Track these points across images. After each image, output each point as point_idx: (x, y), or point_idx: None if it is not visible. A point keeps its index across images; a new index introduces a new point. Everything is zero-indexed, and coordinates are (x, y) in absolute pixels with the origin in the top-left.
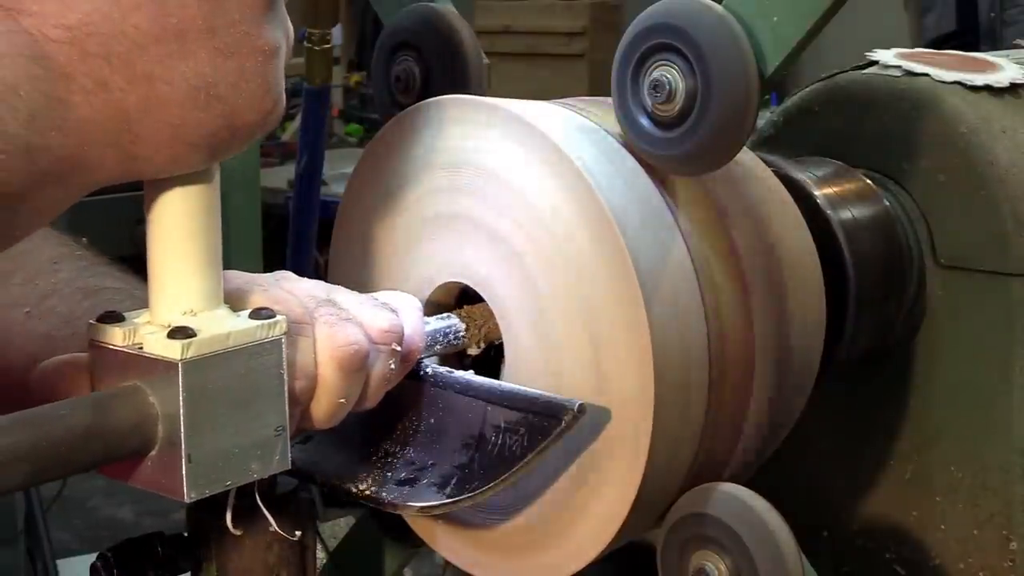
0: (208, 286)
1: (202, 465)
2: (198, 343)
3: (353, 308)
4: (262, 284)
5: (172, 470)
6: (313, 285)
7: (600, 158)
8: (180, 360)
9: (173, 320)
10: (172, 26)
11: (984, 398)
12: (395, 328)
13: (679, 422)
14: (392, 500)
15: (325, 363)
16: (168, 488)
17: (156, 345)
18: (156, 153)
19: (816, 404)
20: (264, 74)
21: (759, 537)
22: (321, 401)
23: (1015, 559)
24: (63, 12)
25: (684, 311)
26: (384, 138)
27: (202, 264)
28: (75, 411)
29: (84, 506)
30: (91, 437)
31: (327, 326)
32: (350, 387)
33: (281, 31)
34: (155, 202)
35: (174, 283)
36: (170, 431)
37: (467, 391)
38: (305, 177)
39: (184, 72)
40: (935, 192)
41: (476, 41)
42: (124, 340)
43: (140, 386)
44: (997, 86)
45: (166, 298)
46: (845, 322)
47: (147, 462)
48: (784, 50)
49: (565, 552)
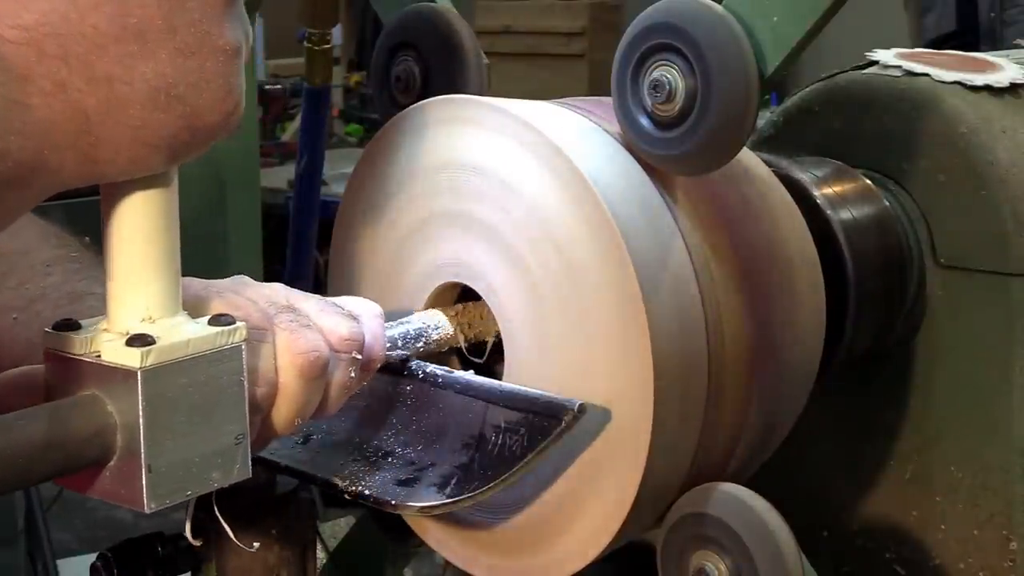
0: (167, 292)
1: (162, 475)
2: (157, 350)
3: (313, 315)
4: (220, 290)
5: (132, 480)
6: (272, 291)
7: (600, 158)
8: (139, 368)
9: (131, 327)
10: (132, 26)
11: (984, 398)
12: (355, 336)
13: (679, 422)
14: (392, 500)
15: (285, 370)
16: (127, 499)
17: (114, 353)
18: (116, 155)
19: (816, 404)
20: (225, 74)
21: (759, 537)
22: (281, 408)
23: (1015, 559)
24: (19, 12)
25: (684, 311)
26: (384, 138)
27: (160, 269)
28: (33, 421)
29: (84, 506)
30: (49, 447)
31: (287, 332)
32: (310, 394)
33: (242, 31)
34: (113, 206)
35: (132, 289)
36: (129, 440)
37: (467, 391)
38: (305, 177)
39: (144, 72)
40: (935, 192)
41: (476, 41)
42: (81, 348)
43: (98, 395)
44: (997, 86)
45: (124, 304)
46: (845, 322)
47: (106, 472)
48: (784, 50)
49: (565, 552)
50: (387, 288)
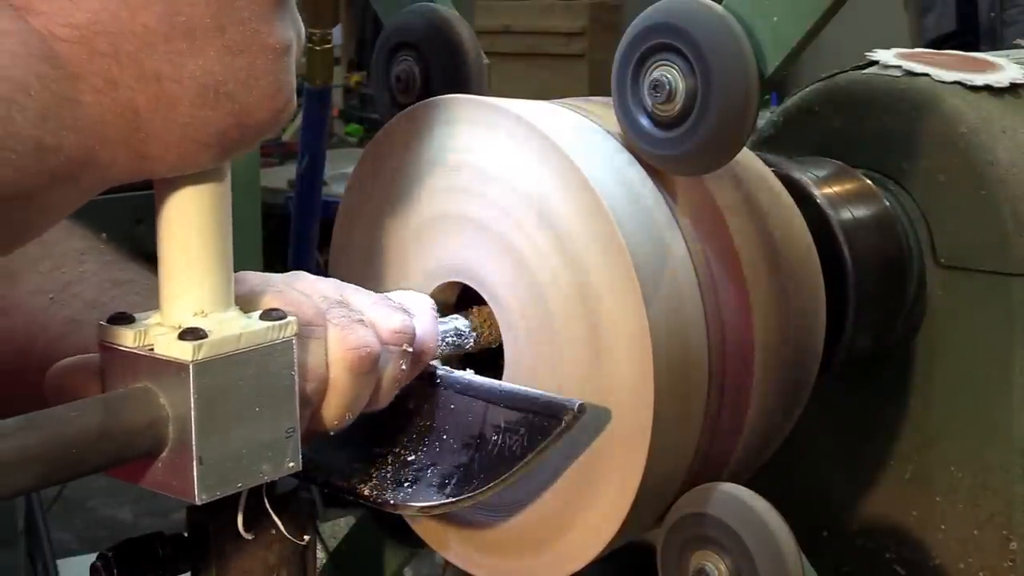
0: (219, 286)
1: (213, 467)
2: (209, 344)
3: (365, 309)
4: (275, 285)
5: (183, 472)
6: (326, 286)
7: (600, 158)
8: (191, 361)
9: (184, 321)
10: (181, 24)
11: (984, 398)
12: (407, 329)
13: (679, 422)
14: (392, 500)
15: (336, 365)
16: (179, 490)
17: (167, 346)
18: (166, 152)
19: (816, 404)
20: (275, 72)
21: (759, 537)
22: (331, 403)
23: (1015, 559)
24: (71, 11)
25: (684, 311)
26: (384, 138)
27: (213, 264)
28: (86, 412)
29: (84, 506)
30: (103, 438)
31: (338, 328)
32: (361, 389)
33: (292, 29)
34: (165, 202)
35: (185, 284)
36: (181, 433)
37: (467, 391)
38: (306, 177)
39: (193, 70)
40: (935, 192)
41: (476, 41)
42: (135, 341)
43: (151, 387)
44: (997, 86)
45: (177, 299)
46: (845, 322)
47: (158, 464)
48: (784, 50)
49: (565, 552)
50: (388, 288)
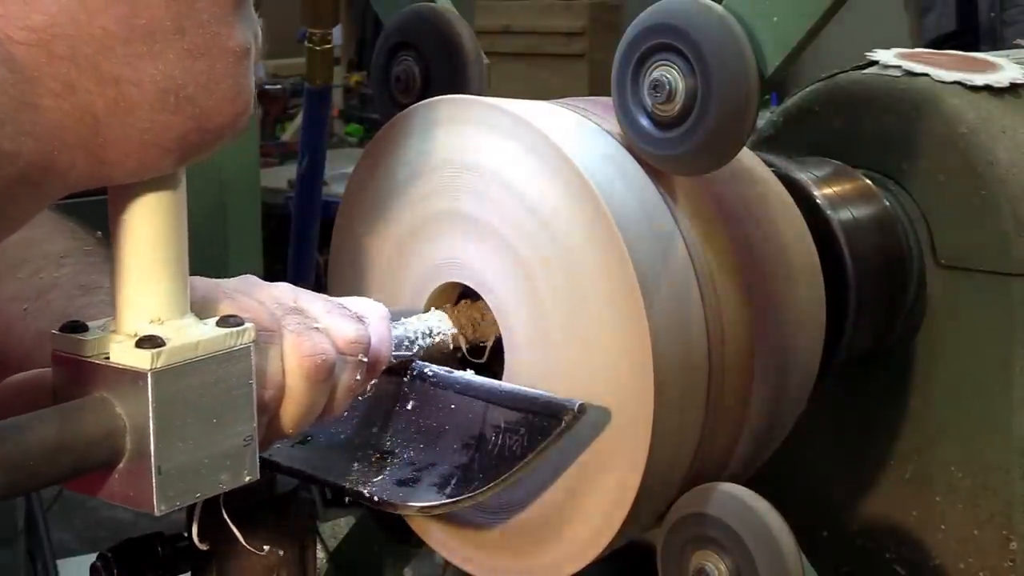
0: (175, 293)
1: (172, 477)
2: (168, 352)
3: (320, 317)
4: (228, 291)
5: (141, 482)
6: (280, 291)
7: (600, 158)
8: (150, 370)
9: (139, 329)
10: (140, 27)
11: (984, 398)
12: (362, 339)
13: (679, 422)
14: (392, 500)
15: (292, 373)
16: (137, 501)
17: (124, 355)
18: (126, 156)
19: (816, 404)
20: (235, 75)
21: (759, 537)
22: (288, 410)
23: (1015, 559)
24: (28, 13)
25: (684, 311)
26: (384, 138)
27: (169, 271)
28: (42, 423)
29: (84, 506)
30: (60, 449)
31: (294, 335)
32: (317, 396)
33: (251, 32)
34: (121, 208)
35: (141, 291)
36: (139, 443)
37: (467, 391)
38: (306, 178)
39: (153, 74)
40: (935, 192)
41: (476, 41)
42: (90, 350)
43: (107, 397)
44: (997, 86)
45: (133, 306)
46: (845, 322)
47: (115, 475)
48: (784, 50)
49: (565, 552)
50: (387, 288)
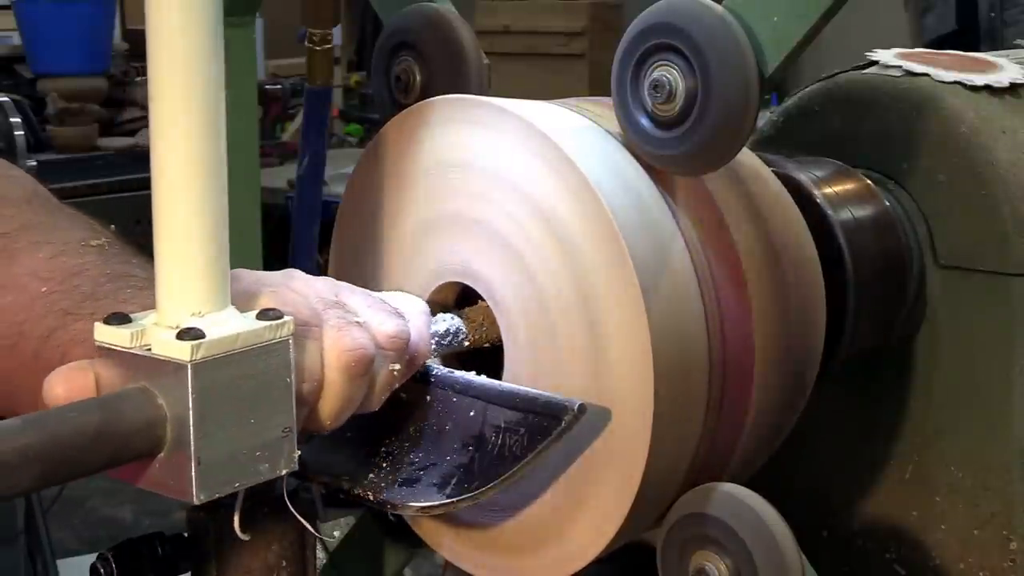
0: (216, 286)
1: (211, 467)
2: (207, 344)
3: (361, 312)
4: (270, 284)
5: (181, 472)
6: (322, 285)
7: (600, 158)
8: (190, 361)
9: (180, 321)
10: None
11: (984, 398)
12: (402, 335)
13: (679, 422)
14: (392, 500)
15: (331, 366)
16: (177, 490)
17: (165, 346)
18: None
19: (816, 404)
20: None
21: (759, 537)
22: (326, 403)
23: (1015, 559)
24: None
25: (684, 311)
26: (384, 138)
27: (209, 264)
28: (84, 413)
29: (84, 506)
30: (100, 438)
31: (334, 329)
32: (355, 391)
33: None
34: (161, 201)
35: (181, 283)
36: (179, 433)
37: (467, 391)
38: (306, 178)
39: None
40: (935, 192)
41: (476, 41)
42: (131, 341)
43: (148, 388)
44: (997, 86)
45: (173, 299)
46: (845, 322)
47: (155, 464)
48: (784, 50)
49: (565, 552)
50: (388, 288)
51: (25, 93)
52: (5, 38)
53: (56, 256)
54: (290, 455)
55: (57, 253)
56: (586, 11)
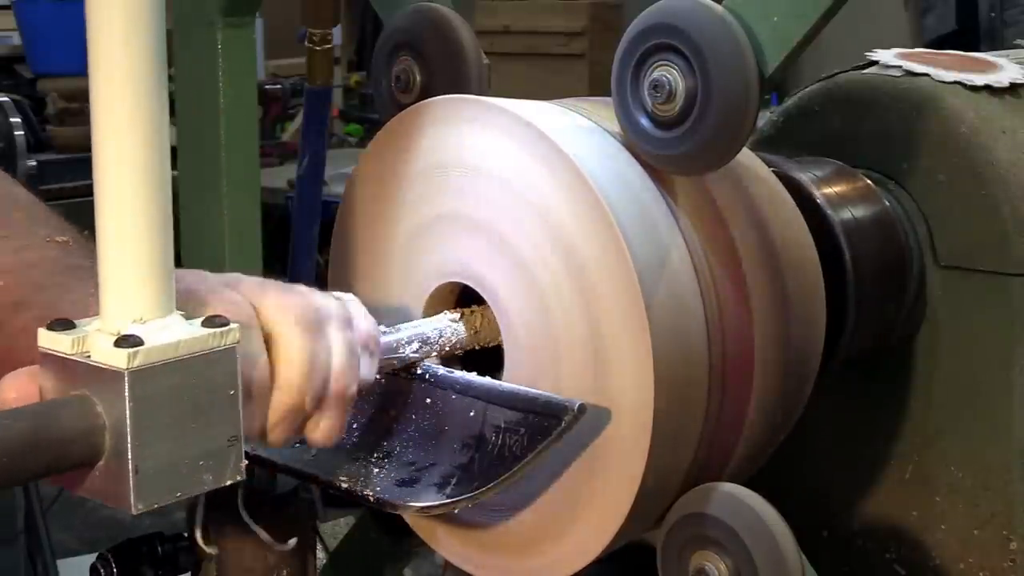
0: (159, 292)
1: (150, 476)
2: (145, 352)
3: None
4: (214, 287)
5: (119, 480)
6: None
7: (600, 158)
8: (127, 369)
9: (122, 328)
10: None
11: (984, 398)
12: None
13: (679, 422)
14: (392, 500)
15: (280, 323)
16: (115, 499)
17: (103, 353)
18: None
19: (816, 404)
20: None
21: (759, 537)
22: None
23: (1015, 559)
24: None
25: (684, 311)
26: (383, 138)
27: (153, 270)
28: (17, 420)
29: (84, 506)
30: (37, 446)
31: (276, 293)
32: (314, 344)
33: None
34: (105, 205)
35: (123, 290)
36: (117, 441)
37: (467, 391)
38: (306, 178)
39: None
40: (935, 192)
41: (476, 41)
42: (73, 348)
43: (88, 395)
44: (997, 86)
45: (115, 305)
46: (845, 322)
47: (95, 472)
48: (784, 50)
49: (565, 552)
50: (388, 288)
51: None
52: (5, 38)
53: (19, 251)
54: (236, 465)
55: (20, 247)
56: (586, 11)
